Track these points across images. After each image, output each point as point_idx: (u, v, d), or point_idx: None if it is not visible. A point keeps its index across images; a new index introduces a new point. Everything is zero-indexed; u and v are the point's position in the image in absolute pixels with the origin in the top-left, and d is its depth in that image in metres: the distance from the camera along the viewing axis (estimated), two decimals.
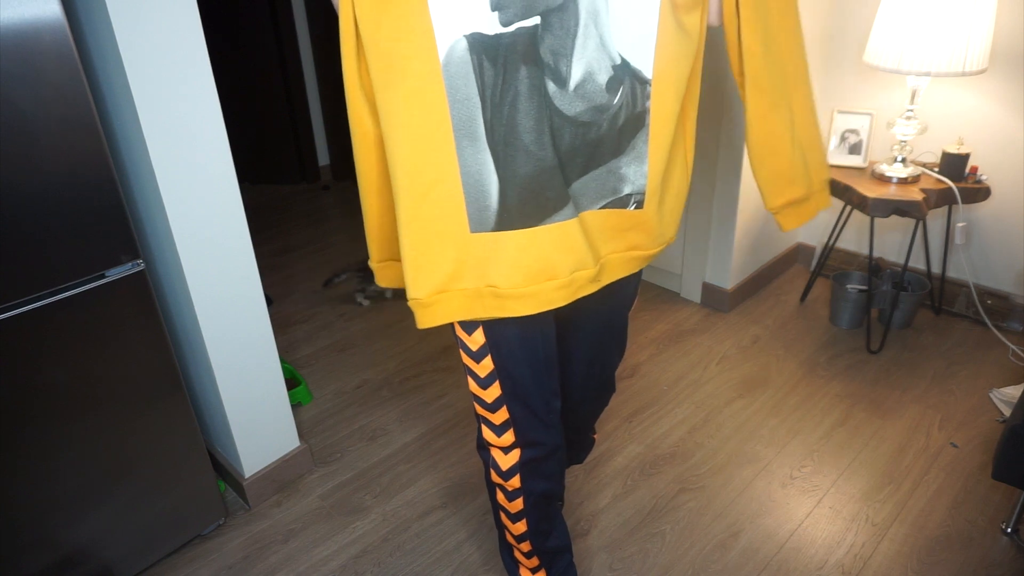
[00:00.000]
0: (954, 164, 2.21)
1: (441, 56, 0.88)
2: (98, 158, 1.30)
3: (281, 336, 2.60)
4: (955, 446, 1.94)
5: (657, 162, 1.01)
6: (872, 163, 2.38)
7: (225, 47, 3.69)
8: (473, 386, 1.19)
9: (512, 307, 1.02)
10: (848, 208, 2.56)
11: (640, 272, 1.28)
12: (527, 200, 0.96)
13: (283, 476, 1.89)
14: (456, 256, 0.99)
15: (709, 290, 2.65)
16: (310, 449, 1.96)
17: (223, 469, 1.87)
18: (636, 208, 1.03)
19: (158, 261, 1.63)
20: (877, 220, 2.63)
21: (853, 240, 2.76)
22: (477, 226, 0.97)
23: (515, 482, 1.25)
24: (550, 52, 0.89)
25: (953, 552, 1.63)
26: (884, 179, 2.26)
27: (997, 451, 1.53)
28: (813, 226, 2.85)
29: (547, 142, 0.93)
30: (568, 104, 0.92)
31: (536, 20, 0.88)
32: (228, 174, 1.54)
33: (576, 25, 0.89)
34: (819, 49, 2.54)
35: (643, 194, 1.02)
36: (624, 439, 2.02)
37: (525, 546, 1.36)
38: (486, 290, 1.01)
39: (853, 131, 2.39)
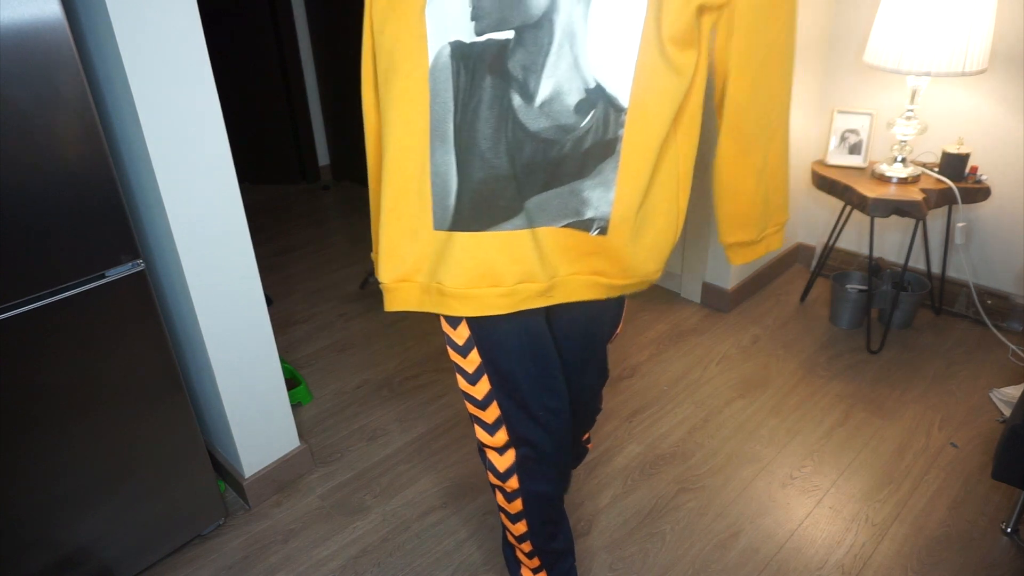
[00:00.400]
0: (954, 164, 2.21)
1: (430, 60, 0.92)
2: (98, 158, 1.30)
3: (281, 336, 2.60)
4: (955, 446, 1.94)
5: (627, 192, 0.98)
6: (872, 163, 2.38)
7: (225, 47, 3.69)
8: (462, 383, 1.19)
9: (453, 306, 1.04)
10: (848, 208, 2.56)
11: (622, 300, 1.27)
12: (478, 204, 0.98)
13: (283, 476, 1.89)
14: (419, 249, 1.03)
15: (709, 290, 2.65)
16: (310, 449, 1.96)
17: (223, 469, 1.87)
18: (599, 234, 1.01)
19: (158, 261, 1.63)
20: (877, 220, 2.63)
21: (853, 240, 2.76)
22: (439, 224, 1.01)
23: (513, 483, 1.25)
24: (520, 67, 0.91)
25: (953, 552, 1.63)
26: (884, 179, 2.26)
27: (997, 451, 1.54)
28: (813, 226, 2.85)
29: (503, 151, 0.95)
30: (532, 119, 0.93)
31: (510, 34, 0.89)
32: (228, 174, 1.54)
33: (549, 44, 0.89)
34: (819, 49, 2.54)
35: (607, 221, 1.00)
36: (624, 439, 2.02)
37: (526, 546, 1.36)
38: (433, 286, 1.04)
39: (853, 131, 2.39)
